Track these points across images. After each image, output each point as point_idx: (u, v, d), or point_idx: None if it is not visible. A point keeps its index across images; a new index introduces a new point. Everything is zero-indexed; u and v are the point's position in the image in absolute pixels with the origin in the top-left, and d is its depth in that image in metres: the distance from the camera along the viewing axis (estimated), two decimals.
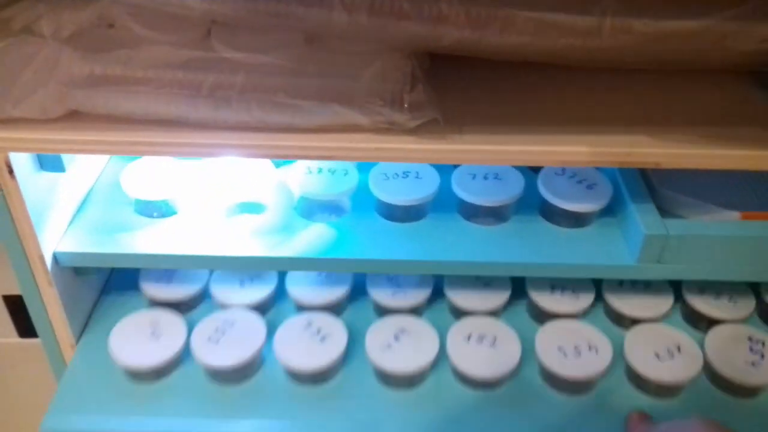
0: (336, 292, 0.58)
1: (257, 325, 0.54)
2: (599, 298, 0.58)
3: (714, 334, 0.55)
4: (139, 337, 0.54)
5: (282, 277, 0.59)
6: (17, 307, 0.72)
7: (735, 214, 0.52)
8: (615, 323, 0.58)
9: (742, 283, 0.58)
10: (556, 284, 0.58)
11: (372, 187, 0.54)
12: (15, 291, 0.71)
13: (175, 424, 0.51)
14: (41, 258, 0.50)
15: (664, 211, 0.52)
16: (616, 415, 0.52)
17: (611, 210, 0.55)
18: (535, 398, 0.53)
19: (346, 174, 0.55)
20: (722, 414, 0.52)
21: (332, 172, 0.55)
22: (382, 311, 0.57)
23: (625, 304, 0.57)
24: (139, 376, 0.53)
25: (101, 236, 0.53)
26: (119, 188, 0.55)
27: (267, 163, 0.57)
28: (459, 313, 0.57)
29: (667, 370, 0.52)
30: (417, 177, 0.55)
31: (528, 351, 0.54)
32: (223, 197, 0.56)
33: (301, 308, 0.58)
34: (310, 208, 0.56)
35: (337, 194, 0.54)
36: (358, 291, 0.59)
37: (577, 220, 0.54)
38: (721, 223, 0.51)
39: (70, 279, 0.54)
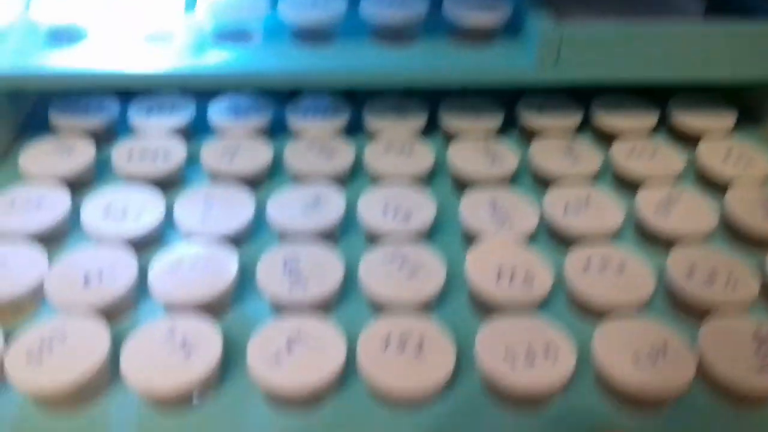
0: None
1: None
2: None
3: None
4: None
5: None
6: None
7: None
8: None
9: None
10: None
11: (281, 8, 0.55)
12: None
13: None
14: None
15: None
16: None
17: (514, 26, 0.56)
18: None
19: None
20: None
21: None
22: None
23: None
24: None
25: (11, 60, 0.53)
26: (32, 21, 0.55)
27: None
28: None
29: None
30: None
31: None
32: (134, 26, 0.56)
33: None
34: (221, 35, 0.56)
35: (248, 17, 0.55)
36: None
37: (481, 35, 0.55)
38: (610, 24, 0.53)
39: None
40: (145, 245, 0.49)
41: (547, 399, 0.40)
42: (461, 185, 0.54)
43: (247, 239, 0.50)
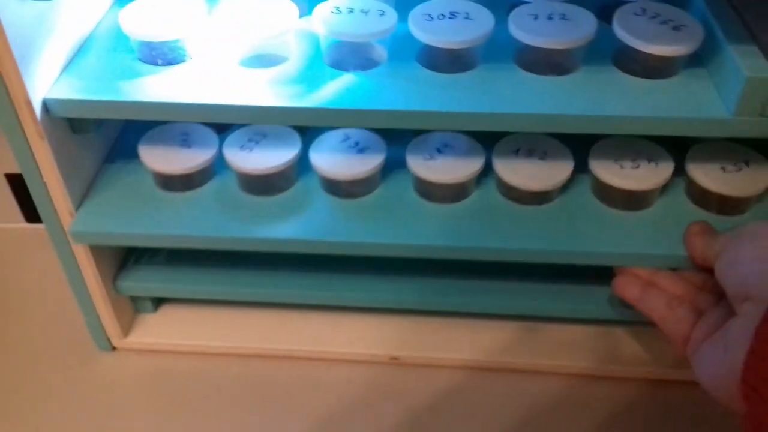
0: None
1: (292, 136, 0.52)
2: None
3: None
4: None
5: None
6: (23, 188, 0.66)
7: None
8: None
9: None
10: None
11: (412, 27, 0.46)
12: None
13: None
14: (28, 103, 0.43)
15: None
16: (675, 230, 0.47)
17: (700, 59, 0.45)
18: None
19: (382, 15, 0.47)
20: None
21: (365, 12, 0.47)
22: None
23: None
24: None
25: (98, 83, 0.46)
26: (121, 34, 0.48)
27: (291, 6, 0.48)
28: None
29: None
30: (467, 18, 0.46)
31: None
32: (239, 44, 0.48)
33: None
34: (339, 57, 0.48)
35: (371, 35, 0.46)
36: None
37: (659, 68, 0.45)
38: None
39: (65, 135, 0.47)
40: None
41: None
42: None
43: None
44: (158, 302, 0.61)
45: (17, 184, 0.66)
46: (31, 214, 0.68)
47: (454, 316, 0.58)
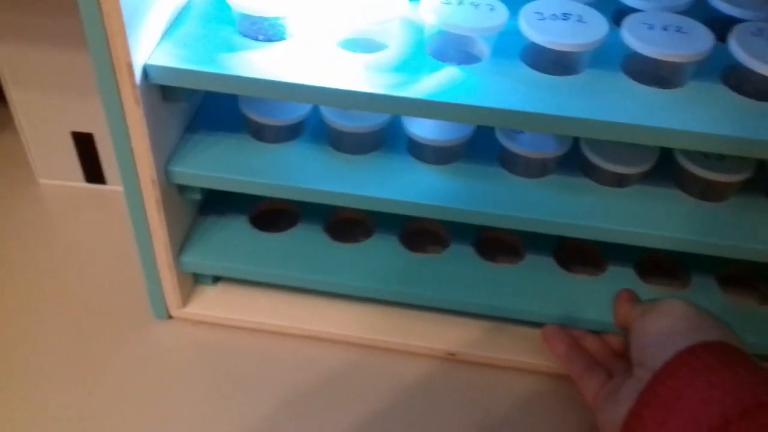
0: None
1: None
2: None
3: None
4: None
5: None
6: (88, 147, 0.65)
7: None
8: None
9: None
10: None
11: (523, 25, 0.45)
12: (86, 127, 0.64)
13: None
14: (129, 67, 0.42)
15: None
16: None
17: None
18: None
19: (492, 9, 0.46)
20: None
21: (475, 5, 0.46)
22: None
23: None
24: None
25: (198, 54, 0.45)
26: (222, 2, 0.47)
27: None
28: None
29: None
30: (579, 20, 0.45)
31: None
32: (340, 26, 0.47)
33: None
34: (442, 49, 0.47)
35: (482, 29, 0.44)
36: None
37: None
38: None
39: (156, 102, 0.46)
40: None
41: None
42: None
43: None
44: (218, 276, 0.60)
45: (83, 142, 0.65)
46: (92, 173, 0.68)
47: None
